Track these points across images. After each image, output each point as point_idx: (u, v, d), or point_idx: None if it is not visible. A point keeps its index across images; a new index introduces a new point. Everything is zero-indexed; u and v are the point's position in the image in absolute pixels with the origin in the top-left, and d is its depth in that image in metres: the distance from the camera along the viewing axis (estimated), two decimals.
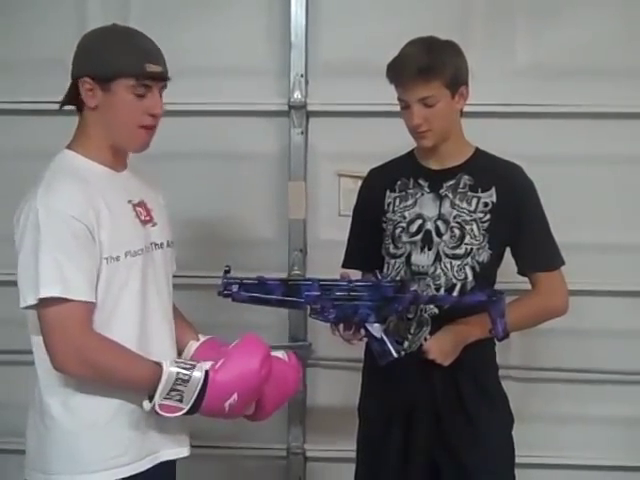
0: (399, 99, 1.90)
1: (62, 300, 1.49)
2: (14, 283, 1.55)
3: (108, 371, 1.54)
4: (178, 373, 1.52)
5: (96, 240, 1.56)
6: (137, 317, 1.63)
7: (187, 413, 1.54)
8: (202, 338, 1.83)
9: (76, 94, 1.63)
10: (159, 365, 1.54)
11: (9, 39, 2.74)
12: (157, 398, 1.51)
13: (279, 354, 1.74)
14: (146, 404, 1.53)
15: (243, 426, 1.87)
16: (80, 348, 1.51)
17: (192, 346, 1.81)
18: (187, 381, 1.52)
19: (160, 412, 1.52)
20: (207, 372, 1.54)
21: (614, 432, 2.72)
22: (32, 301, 1.50)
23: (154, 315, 1.68)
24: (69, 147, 1.67)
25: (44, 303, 1.50)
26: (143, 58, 1.61)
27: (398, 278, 1.94)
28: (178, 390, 1.51)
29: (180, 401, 1.52)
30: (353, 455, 2.13)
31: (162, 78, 1.65)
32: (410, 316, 1.94)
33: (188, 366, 1.55)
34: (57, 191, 1.55)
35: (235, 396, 1.56)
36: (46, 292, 1.49)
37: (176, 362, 1.56)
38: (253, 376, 1.58)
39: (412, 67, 1.83)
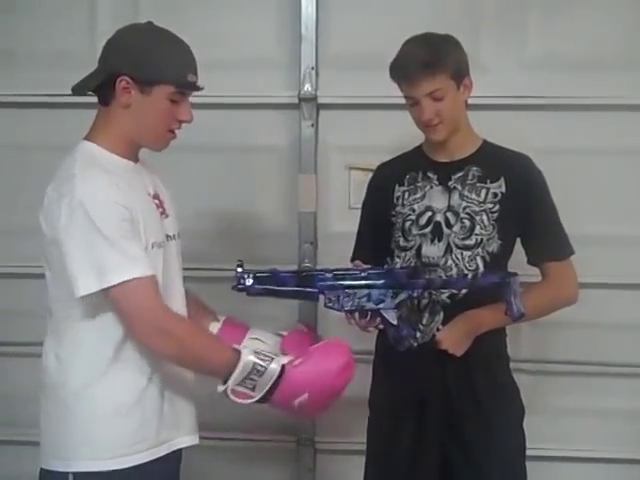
0: (406, 97, 1.91)
1: (133, 281, 1.51)
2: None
3: (189, 349, 1.57)
4: (255, 364, 1.55)
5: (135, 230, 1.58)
6: None
7: (257, 402, 1.57)
8: (221, 318, 1.86)
9: (108, 88, 1.61)
10: (238, 352, 1.56)
11: (18, 31, 2.73)
12: (231, 383, 1.55)
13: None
14: (220, 387, 1.57)
15: (253, 417, 1.87)
16: (163, 327, 1.54)
17: (214, 327, 1.83)
18: (263, 372, 1.55)
19: (231, 397, 1.56)
20: (284, 366, 1.56)
21: (625, 425, 2.71)
22: (95, 288, 1.51)
23: (173, 307, 1.68)
24: (91, 140, 1.65)
25: (115, 289, 1.50)
26: (186, 67, 1.64)
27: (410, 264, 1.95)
28: (252, 379, 1.55)
29: (252, 390, 1.56)
30: (363, 447, 2.14)
31: (198, 89, 1.68)
32: (424, 302, 1.94)
33: (266, 358, 1.57)
34: (96, 182, 1.55)
35: (306, 395, 1.58)
36: (117, 278, 1.50)
37: (255, 352, 1.58)
38: (330, 380, 1.60)
39: (417, 63, 1.84)
